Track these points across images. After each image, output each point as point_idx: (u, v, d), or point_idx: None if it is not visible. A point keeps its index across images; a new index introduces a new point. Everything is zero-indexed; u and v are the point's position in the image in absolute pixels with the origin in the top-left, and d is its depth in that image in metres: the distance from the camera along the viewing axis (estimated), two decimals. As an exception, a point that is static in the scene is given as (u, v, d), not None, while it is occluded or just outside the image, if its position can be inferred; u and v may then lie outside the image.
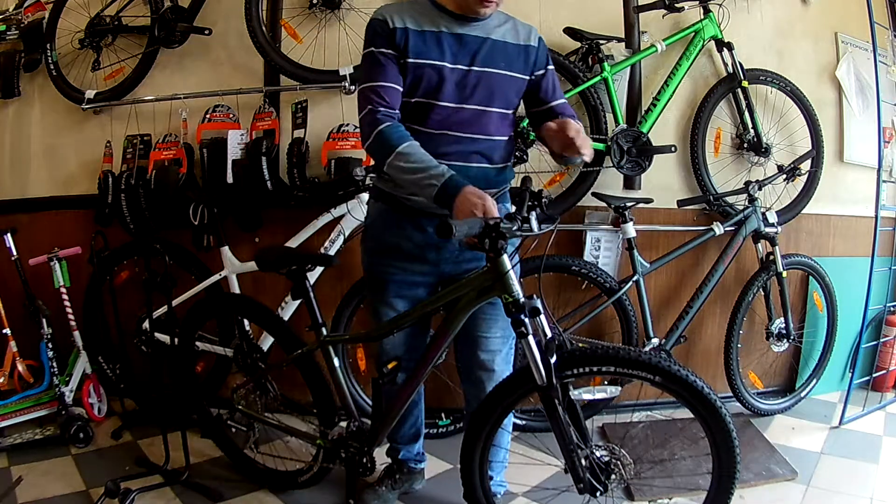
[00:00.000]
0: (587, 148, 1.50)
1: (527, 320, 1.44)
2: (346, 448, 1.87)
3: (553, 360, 1.46)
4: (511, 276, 1.46)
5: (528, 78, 1.65)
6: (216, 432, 2.23)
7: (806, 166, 2.79)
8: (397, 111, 1.56)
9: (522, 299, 1.46)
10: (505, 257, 1.45)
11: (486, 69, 1.59)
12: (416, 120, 1.59)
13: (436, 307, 1.62)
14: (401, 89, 1.56)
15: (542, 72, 1.67)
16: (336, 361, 1.84)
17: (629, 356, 1.45)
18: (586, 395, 2.38)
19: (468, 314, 1.56)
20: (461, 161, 1.59)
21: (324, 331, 1.84)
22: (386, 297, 1.73)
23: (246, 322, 2.46)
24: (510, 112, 1.67)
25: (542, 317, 1.47)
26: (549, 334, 1.48)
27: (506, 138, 1.68)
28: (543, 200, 1.50)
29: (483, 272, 1.52)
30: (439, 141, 1.58)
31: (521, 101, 1.74)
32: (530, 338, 1.44)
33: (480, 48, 1.58)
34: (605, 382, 2.63)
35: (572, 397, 1.51)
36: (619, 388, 2.43)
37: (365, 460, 1.84)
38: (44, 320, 2.51)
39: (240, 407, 2.11)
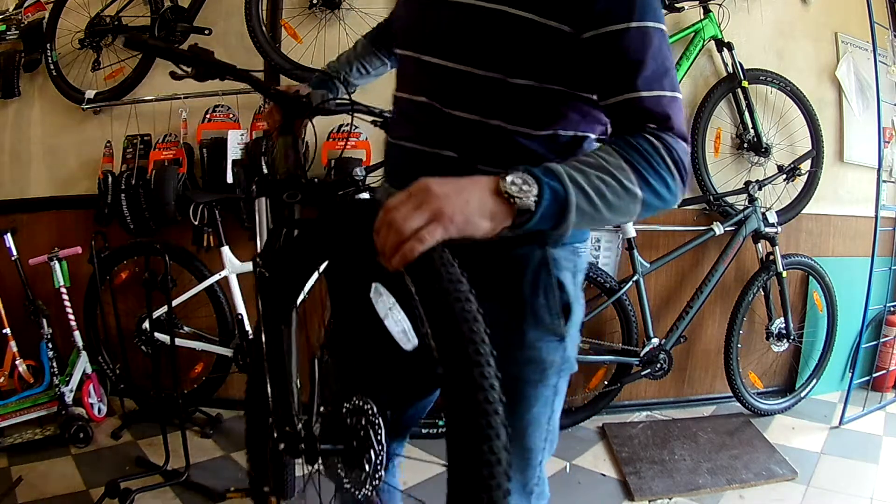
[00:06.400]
0: (394, 255, 0.71)
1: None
2: None
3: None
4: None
5: (562, 29, 0.84)
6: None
7: (806, 166, 2.79)
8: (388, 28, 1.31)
9: None
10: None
11: None
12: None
13: None
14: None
15: (591, 32, 0.82)
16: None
17: None
18: None
19: None
20: (418, 147, 0.99)
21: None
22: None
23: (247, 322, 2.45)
24: (533, 83, 0.89)
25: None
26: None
27: (534, 137, 0.92)
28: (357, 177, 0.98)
29: None
30: (398, 109, 1.07)
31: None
32: None
33: None
34: (606, 382, 2.64)
35: None
36: None
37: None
38: (44, 320, 2.50)
39: None
